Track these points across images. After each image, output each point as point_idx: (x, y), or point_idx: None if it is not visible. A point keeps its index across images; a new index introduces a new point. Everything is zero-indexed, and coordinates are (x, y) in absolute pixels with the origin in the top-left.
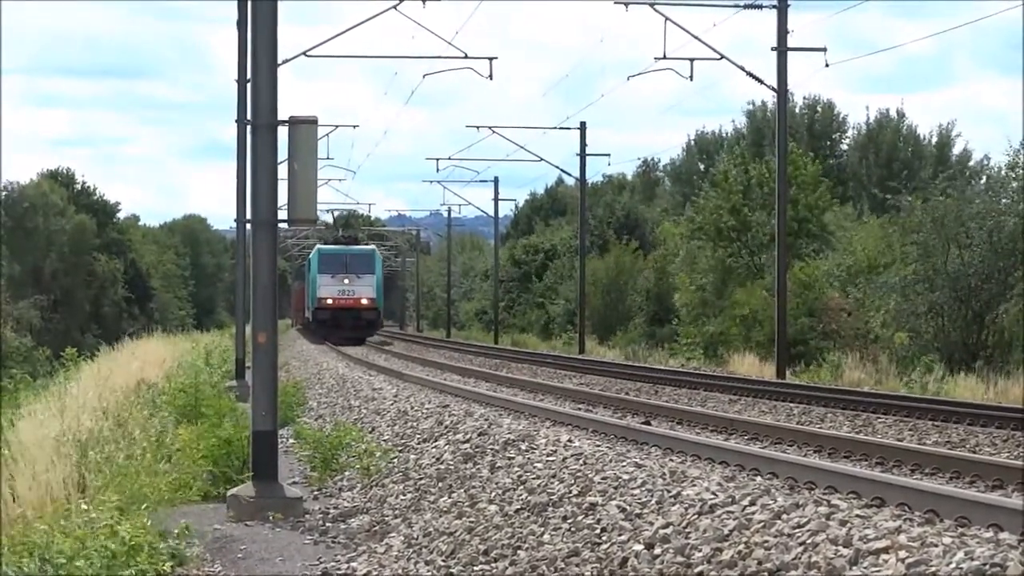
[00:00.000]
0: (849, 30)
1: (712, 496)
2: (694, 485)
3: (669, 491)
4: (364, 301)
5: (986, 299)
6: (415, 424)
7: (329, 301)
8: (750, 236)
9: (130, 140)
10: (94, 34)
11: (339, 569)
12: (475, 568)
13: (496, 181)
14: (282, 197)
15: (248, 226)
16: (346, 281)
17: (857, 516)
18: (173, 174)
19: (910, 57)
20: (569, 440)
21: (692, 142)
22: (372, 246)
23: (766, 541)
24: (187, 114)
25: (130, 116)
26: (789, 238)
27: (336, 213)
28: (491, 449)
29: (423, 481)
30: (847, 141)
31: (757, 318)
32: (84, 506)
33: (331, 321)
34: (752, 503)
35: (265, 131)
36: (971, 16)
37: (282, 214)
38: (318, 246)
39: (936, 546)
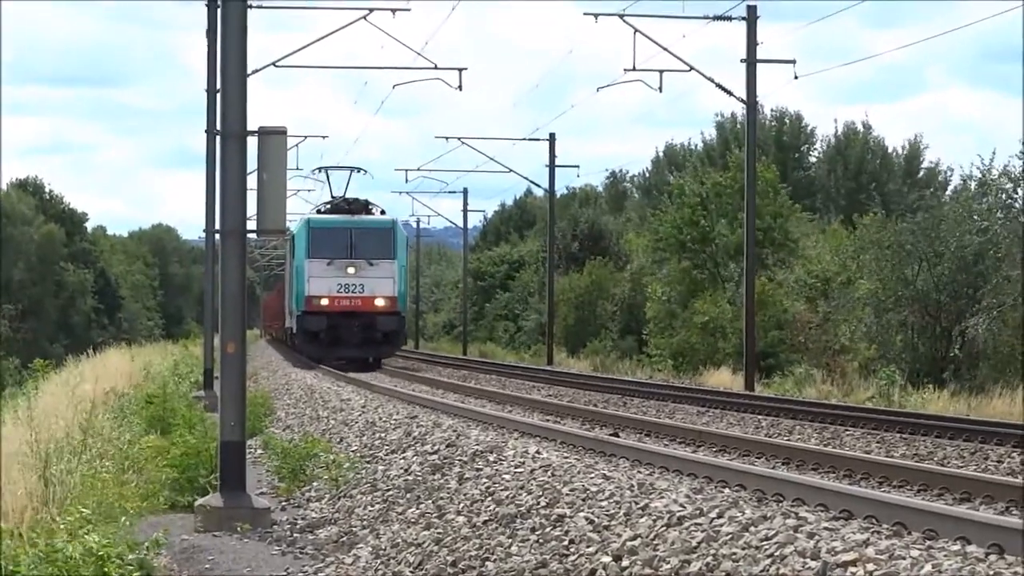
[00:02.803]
0: (820, 41)
1: (680, 508)
2: (662, 497)
3: (637, 503)
4: (380, 302)
5: (954, 314)
6: (383, 435)
7: (324, 302)
8: (714, 247)
9: (101, 148)
10: (65, 41)
11: None
12: None
13: (465, 192)
14: (251, 207)
15: (217, 236)
16: (351, 271)
17: (825, 528)
18: (144, 183)
19: (881, 68)
20: (537, 452)
21: (661, 154)
22: (391, 217)
23: (734, 553)
24: (158, 122)
25: (101, 124)
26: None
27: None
28: (459, 460)
29: (391, 492)
30: (815, 153)
31: (721, 329)
32: (54, 516)
33: (328, 333)
34: (720, 515)
35: (234, 141)
36: (943, 27)
37: (251, 224)
38: (307, 216)
39: (904, 559)
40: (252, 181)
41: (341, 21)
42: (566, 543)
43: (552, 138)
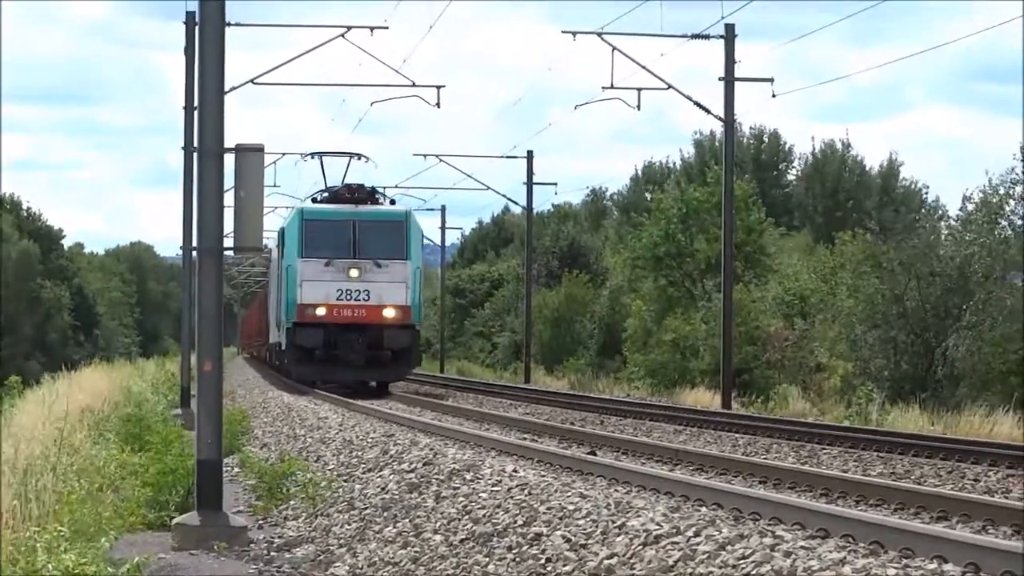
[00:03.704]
0: (798, 60)
1: (657, 527)
2: (639, 516)
3: (614, 521)
4: (389, 313)
5: (935, 332)
6: (360, 453)
7: (320, 312)
8: (691, 262)
9: (79, 165)
10: (43, 58)
11: None
12: None
13: (443, 209)
14: (228, 225)
15: (194, 253)
16: (354, 273)
17: (802, 547)
18: (122, 200)
19: (859, 87)
20: (514, 470)
21: (639, 173)
22: (404, 207)
23: (711, 572)
24: (135, 139)
25: (79, 141)
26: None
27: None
28: (436, 479)
29: (368, 511)
30: (793, 171)
31: (692, 348)
32: (32, 534)
33: (324, 350)
34: (697, 534)
35: (211, 158)
36: (921, 46)
37: (228, 242)
38: (300, 206)
39: None
40: (229, 198)
41: (319, 39)
42: (543, 562)
43: (530, 155)
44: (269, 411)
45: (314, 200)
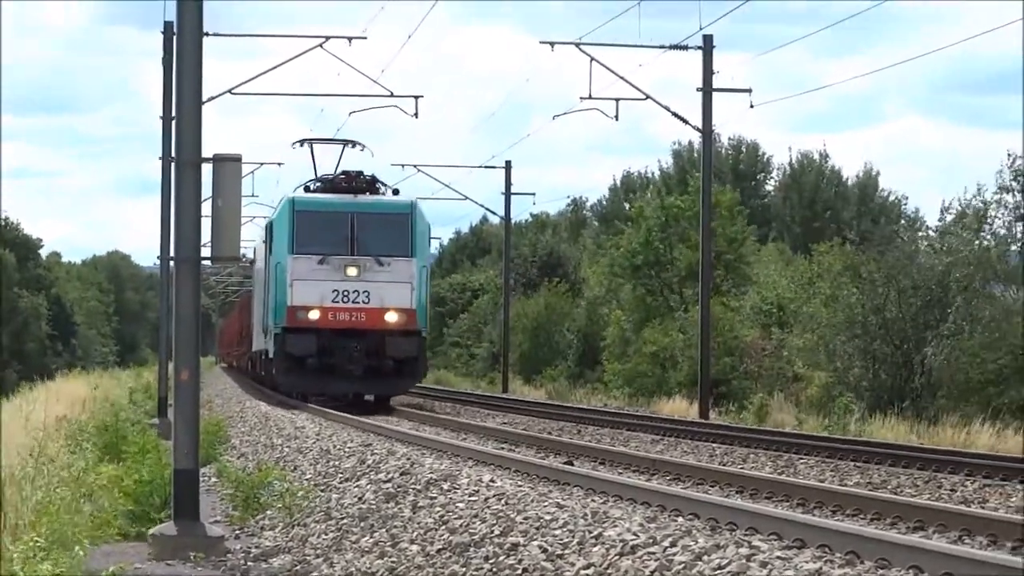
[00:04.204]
0: (776, 70)
1: (634, 537)
2: (616, 526)
3: (591, 532)
4: (392, 317)
5: (914, 342)
6: (337, 463)
7: (313, 315)
8: (670, 271)
9: (56, 174)
10: (22, 68)
11: None
12: None
13: None
14: (206, 234)
15: (172, 263)
16: (352, 272)
17: (778, 558)
18: (101, 209)
19: (838, 97)
20: (491, 480)
21: (617, 183)
22: (409, 198)
23: None
24: (113, 149)
25: (56, 150)
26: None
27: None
28: (413, 488)
29: (345, 520)
30: (771, 182)
31: (671, 359)
32: (7, 544)
33: (318, 357)
34: (673, 544)
35: (189, 168)
36: (898, 57)
37: (206, 252)
38: (291, 195)
39: None
40: (207, 208)
41: (297, 49)
42: (520, 572)
43: (508, 165)
44: (246, 420)
45: (306, 189)
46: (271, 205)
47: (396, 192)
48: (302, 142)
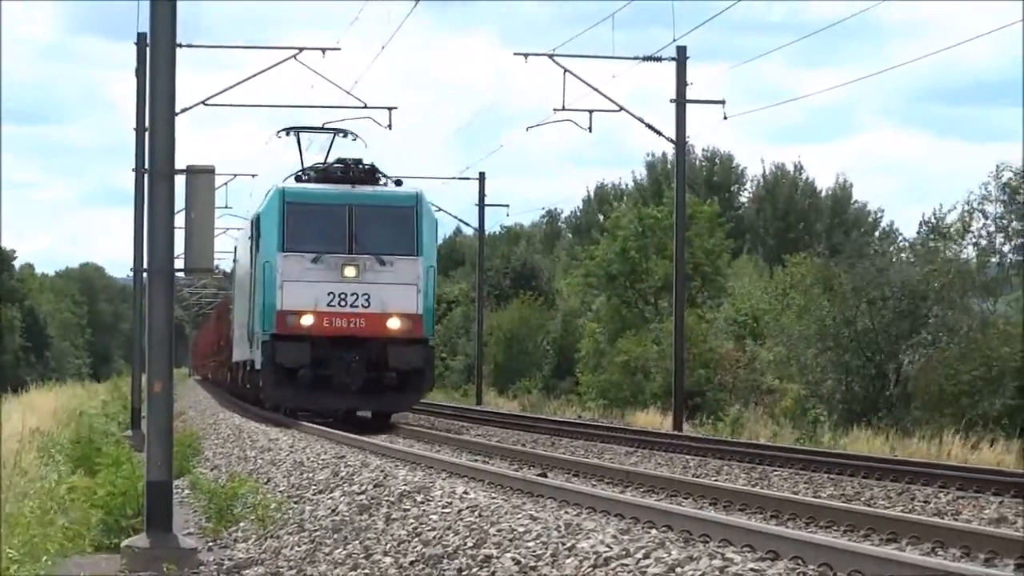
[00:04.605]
0: (750, 81)
1: (607, 549)
2: (589, 538)
3: (564, 543)
4: (395, 323)
5: (887, 354)
6: (311, 475)
7: (307, 320)
8: (645, 282)
9: (30, 185)
10: None
11: None
12: None
13: None
14: (179, 246)
15: (145, 274)
16: (351, 273)
17: (751, 569)
18: (75, 220)
19: (811, 108)
20: (465, 492)
21: (591, 195)
22: (414, 189)
23: None
24: (87, 160)
25: (30, 161)
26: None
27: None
28: (387, 501)
29: (318, 532)
30: (746, 193)
31: (644, 370)
32: None
33: (311, 369)
34: (647, 556)
35: (162, 179)
36: (872, 69)
37: (179, 263)
38: (280, 185)
39: None
40: (180, 220)
41: (271, 60)
42: None
43: (482, 177)
44: (220, 433)
45: (298, 179)
46: (245, 217)
47: (399, 183)
48: (288, 131)
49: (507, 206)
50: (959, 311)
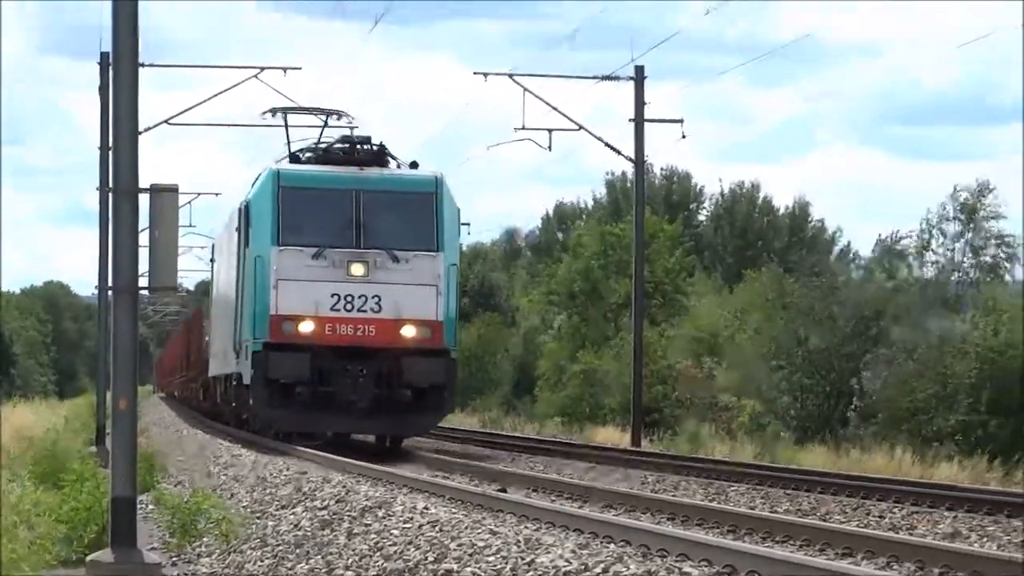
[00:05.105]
0: (708, 101)
1: (566, 563)
2: (548, 552)
3: (523, 558)
4: (410, 331)
5: (840, 372)
6: (273, 490)
7: (307, 327)
8: (605, 300)
9: None
10: None
11: None
12: None
13: None
14: (143, 264)
15: (109, 292)
16: (358, 271)
17: None
18: (38, 239)
19: (769, 127)
20: (426, 507)
21: (550, 213)
22: (432, 172)
23: None
24: (52, 179)
25: None
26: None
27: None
28: (348, 516)
29: (281, 547)
30: (704, 212)
31: (602, 384)
32: None
33: (311, 385)
34: (605, 571)
35: (126, 198)
36: (828, 88)
37: (144, 281)
38: (276, 166)
39: None
40: (145, 238)
41: (233, 79)
42: None
43: None
44: (184, 449)
45: (294, 159)
46: (209, 236)
47: (414, 165)
48: (274, 111)
49: (468, 224)
50: (917, 329)
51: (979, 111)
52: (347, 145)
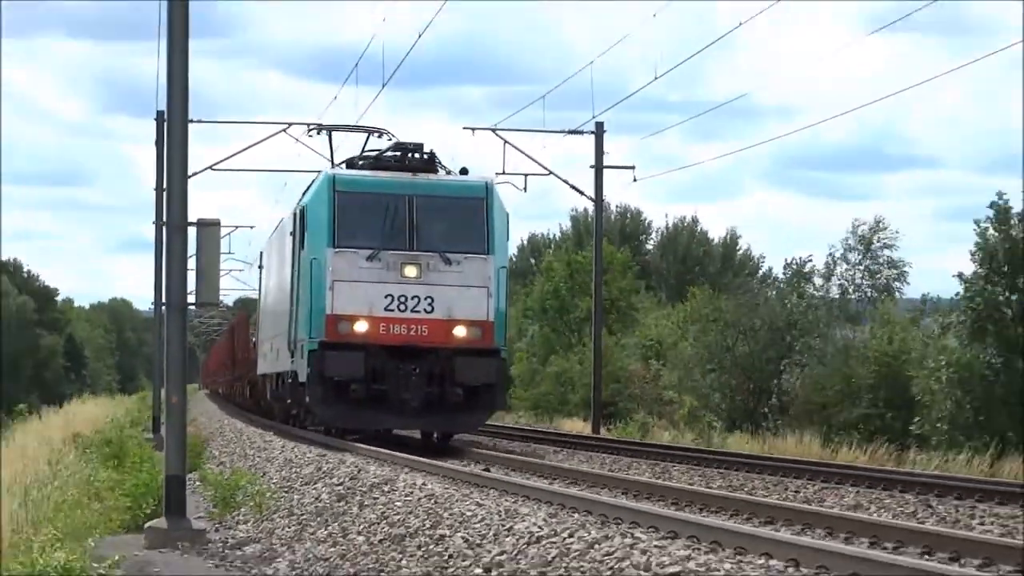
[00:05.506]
0: (655, 150)
1: (539, 529)
2: (524, 520)
3: (504, 525)
4: (462, 332)
5: (767, 375)
6: (298, 470)
7: (361, 327)
8: (572, 315)
9: (67, 236)
10: (33, 147)
11: None
12: None
13: None
14: (191, 284)
15: (164, 308)
16: (411, 273)
17: (655, 546)
18: (103, 265)
19: (705, 173)
20: (424, 483)
21: (525, 243)
22: (483, 178)
23: (582, 566)
24: (114, 216)
25: (67, 216)
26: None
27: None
28: (360, 490)
29: (304, 516)
30: (651, 242)
31: (571, 382)
32: (31, 536)
33: (365, 383)
34: (571, 535)
35: (177, 231)
36: (751, 141)
37: (191, 298)
38: (331, 171)
39: (719, 571)
40: (193, 263)
41: (265, 133)
42: (446, 558)
43: None
44: (225, 436)
45: (349, 165)
46: (246, 260)
47: (464, 172)
48: (319, 128)
49: None
50: (823, 339)
51: (877, 160)
52: (399, 152)
